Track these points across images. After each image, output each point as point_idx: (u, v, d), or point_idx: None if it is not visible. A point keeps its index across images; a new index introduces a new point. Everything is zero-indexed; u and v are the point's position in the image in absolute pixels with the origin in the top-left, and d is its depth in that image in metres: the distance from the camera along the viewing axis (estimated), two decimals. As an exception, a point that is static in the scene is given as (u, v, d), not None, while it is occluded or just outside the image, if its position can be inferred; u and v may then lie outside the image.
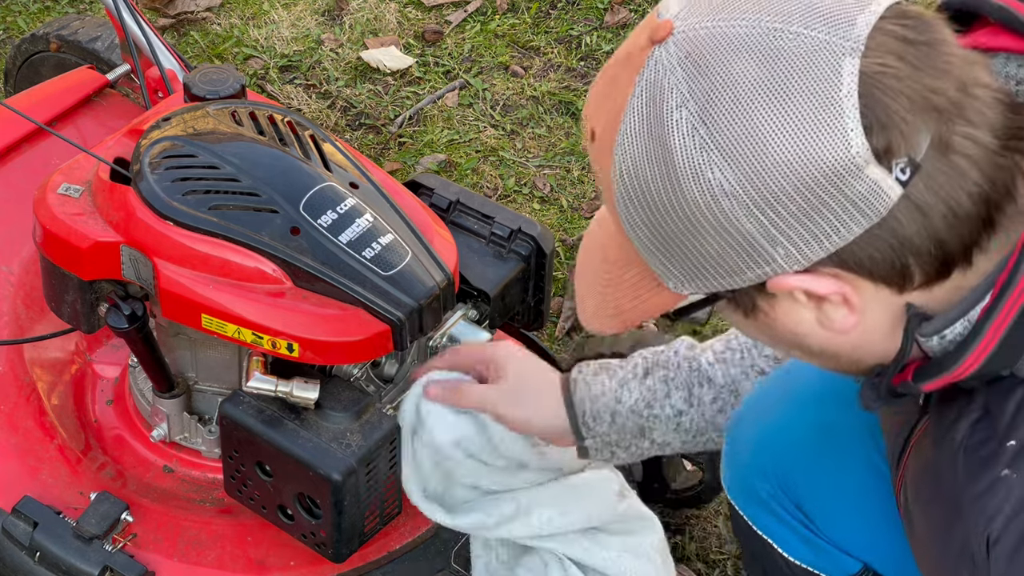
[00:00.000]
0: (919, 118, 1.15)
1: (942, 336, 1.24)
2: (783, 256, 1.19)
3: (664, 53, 1.19)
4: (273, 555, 2.05)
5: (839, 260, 1.19)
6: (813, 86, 1.15)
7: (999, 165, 1.19)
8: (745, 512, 1.86)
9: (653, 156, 1.19)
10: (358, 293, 1.87)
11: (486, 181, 3.10)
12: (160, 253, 1.91)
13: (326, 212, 1.90)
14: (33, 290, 2.29)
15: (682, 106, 1.17)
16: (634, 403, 1.78)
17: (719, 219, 1.18)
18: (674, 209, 1.20)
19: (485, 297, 2.06)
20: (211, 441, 2.14)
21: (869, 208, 1.16)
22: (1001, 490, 1.22)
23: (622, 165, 1.21)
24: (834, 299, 1.22)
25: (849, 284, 1.21)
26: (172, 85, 2.39)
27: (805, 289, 1.21)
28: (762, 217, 1.17)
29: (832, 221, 1.16)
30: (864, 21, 1.17)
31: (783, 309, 1.25)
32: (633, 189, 1.22)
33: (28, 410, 2.20)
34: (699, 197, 1.18)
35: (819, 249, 1.18)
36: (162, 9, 3.48)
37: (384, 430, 1.90)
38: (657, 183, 1.20)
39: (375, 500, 1.93)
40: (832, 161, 1.15)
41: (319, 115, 3.25)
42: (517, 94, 3.32)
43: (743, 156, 1.16)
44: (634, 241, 1.25)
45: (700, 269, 1.23)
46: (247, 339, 1.89)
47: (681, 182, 1.18)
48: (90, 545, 2.01)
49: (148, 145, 1.97)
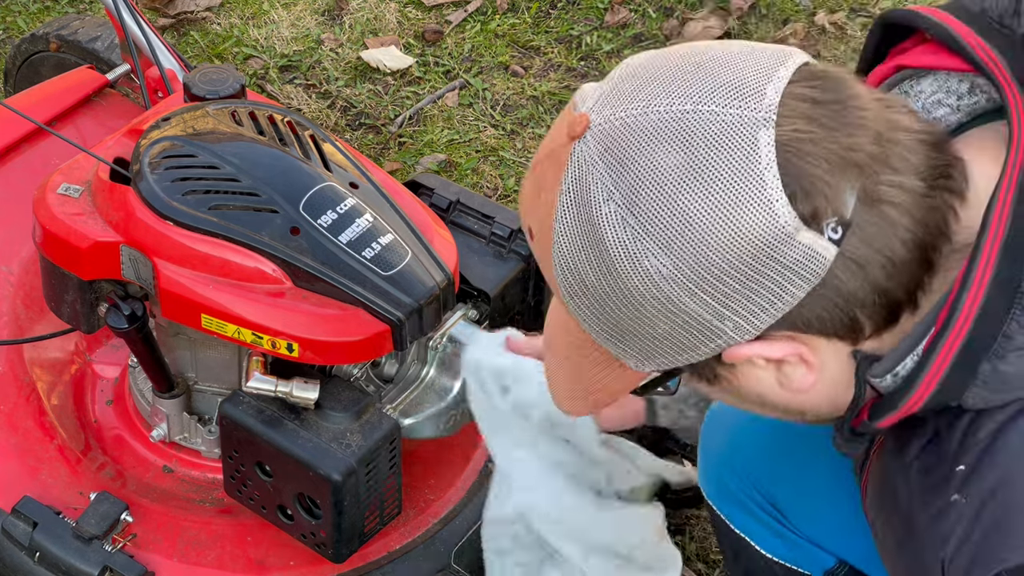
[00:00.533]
0: (840, 177, 1.16)
1: (895, 374, 1.25)
2: (733, 328, 1.20)
3: (584, 148, 1.20)
4: (273, 555, 2.05)
5: (789, 323, 1.20)
6: (732, 163, 1.15)
7: (929, 207, 1.20)
8: (721, 510, 1.88)
9: (589, 250, 1.20)
10: (358, 293, 1.86)
11: (486, 181, 3.10)
12: (160, 253, 1.91)
13: (326, 212, 1.90)
14: (33, 290, 2.29)
15: (609, 199, 1.18)
16: None
17: (663, 303, 1.19)
18: (618, 299, 1.21)
19: (485, 297, 2.06)
20: (211, 441, 2.14)
21: (807, 271, 1.17)
22: (952, 514, 1.23)
23: (561, 261, 1.22)
24: (791, 360, 1.23)
25: (804, 344, 1.22)
26: (172, 85, 2.38)
27: (761, 355, 1.22)
28: (704, 296, 1.18)
29: (774, 289, 1.17)
30: (773, 89, 1.17)
31: (744, 375, 1.26)
32: (576, 283, 1.22)
33: (28, 410, 2.20)
34: (639, 285, 1.19)
35: (767, 317, 1.19)
36: (162, 9, 3.48)
37: (384, 430, 1.90)
38: (597, 276, 1.20)
39: (375, 500, 1.93)
40: (762, 233, 1.15)
41: (319, 115, 3.25)
42: (517, 94, 3.31)
43: (675, 241, 1.16)
44: (587, 329, 1.26)
45: (655, 350, 1.24)
46: (247, 339, 1.88)
47: (620, 273, 1.19)
48: (90, 545, 2.01)
49: (148, 145, 1.97)
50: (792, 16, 3.45)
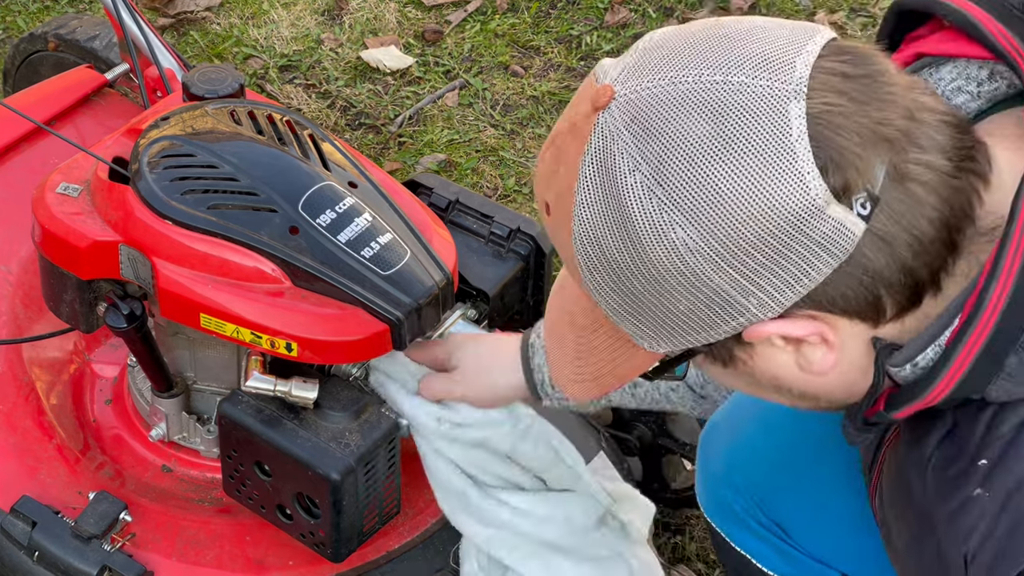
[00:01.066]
0: (872, 151, 1.15)
1: (914, 364, 1.24)
2: (756, 305, 1.18)
3: (609, 119, 1.18)
4: (272, 555, 2.05)
5: (813, 301, 1.19)
6: (763, 135, 1.14)
7: (954, 187, 1.19)
8: (722, 528, 1.86)
9: (612, 223, 1.19)
10: (357, 292, 1.86)
11: (486, 181, 3.10)
12: (159, 252, 1.90)
13: (325, 211, 1.90)
14: (32, 289, 2.28)
15: (635, 170, 1.16)
16: None
17: (687, 277, 1.18)
18: (640, 272, 1.19)
19: (484, 296, 2.06)
20: (210, 441, 2.14)
21: (835, 247, 1.16)
22: (974, 509, 1.22)
23: (582, 235, 1.21)
24: (812, 340, 1.21)
25: (825, 323, 1.21)
26: (171, 84, 2.38)
27: (782, 334, 1.21)
28: (730, 270, 1.16)
29: (801, 265, 1.16)
30: (803, 63, 1.16)
31: (762, 356, 1.25)
32: (596, 257, 1.21)
33: (27, 410, 2.19)
34: (664, 258, 1.17)
35: (791, 294, 1.18)
36: (162, 9, 3.48)
37: (383, 430, 1.90)
38: (619, 248, 1.19)
39: (374, 500, 1.93)
40: (793, 206, 1.14)
41: (319, 115, 3.25)
42: (517, 94, 3.31)
43: (703, 213, 1.15)
44: (602, 306, 1.25)
45: (673, 328, 1.22)
46: (246, 338, 1.88)
47: (644, 245, 1.17)
48: (89, 545, 2.01)
49: (147, 144, 1.96)
50: (792, 16, 3.45)
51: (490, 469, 1.90)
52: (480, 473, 1.90)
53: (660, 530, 2.46)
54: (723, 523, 1.85)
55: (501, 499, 1.89)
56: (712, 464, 1.85)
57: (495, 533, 1.90)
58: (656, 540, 2.43)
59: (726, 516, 1.85)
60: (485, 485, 1.90)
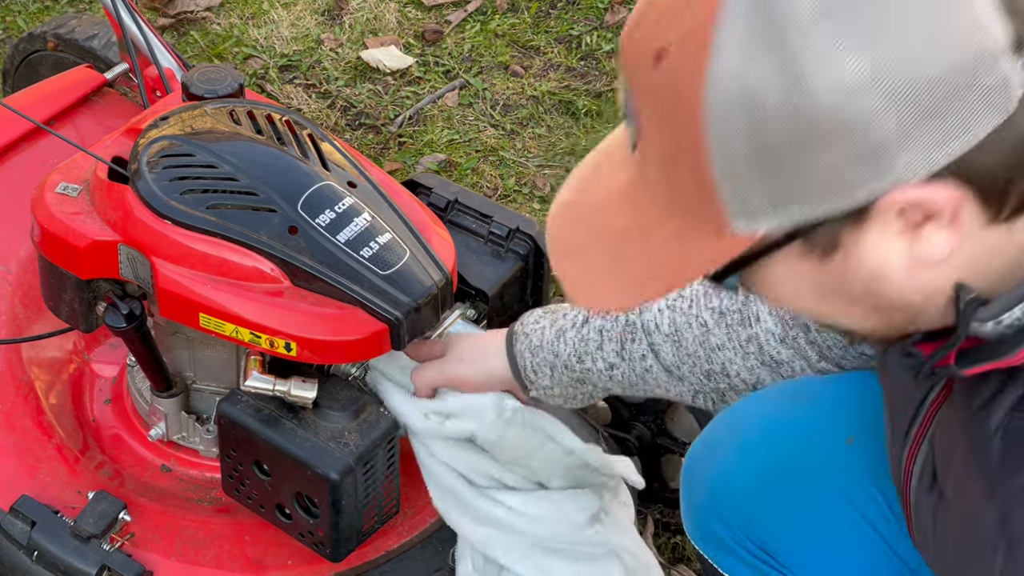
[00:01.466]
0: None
1: (998, 321, 1.18)
2: (905, 164, 1.08)
3: None
4: (271, 554, 2.05)
5: (958, 169, 1.10)
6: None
7: None
8: (708, 555, 1.84)
9: (767, 58, 1.08)
10: (356, 292, 1.86)
11: (486, 181, 3.10)
12: (158, 252, 1.90)
13: (324, 211, 1.90)
14: (31, 289, 2.28)
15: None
16: (567, 357, 1.79)
17: (845, 122, 1.07)
18: (791, 117, 1.08)
19: (483, 296, 2.06)
20: (209, 440, 2.14)
21: (998, 105, 1.08)
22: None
23: (723, 72, 1.09)
24: (945, 213, 1.11)
25: (962, 195, 1.11)
26: (170, 84, 2.38)
27: (922, 201, 1.10)
28: (896, 114, 1.06)
29: (965, 118, 1.07)
30: None
31: (870, 244, 1.14)
32: (738, 102, 1.09)
33: (26, 409, 2.19)
34: (826, 97, 1.07)
35: (945, 153, 1.08)
36: (162, 9, 3.48)
37: (382, 429, 1.90)
38: (772, 89, 1.08)
39: (373, 499, 1.93)
40: (970, 49, 1.07)
41: (319, 115, 3.25)
42: (517, 94, 3.31)
43: (877, 46, 1.06)
44: (715, 169, 1.12)
45: (801, 193, 1.11)
46: (245, 338, 1.88)
47: (806, 82, 1.07)
48: (88, 544, 2.01)
49: (146, 144, 1.97)
50: None
51: (481, 469, 1.90)
52: (471, 473, 1.90)
53: (660, 530, 2.46)
54: (709, 549, 1.82)
55: (496, 498, 1.89)
56: (696, 493, 1.82)
57: (491, 532, 1.90)
58: (656, 540, 2.43)
59: (712, 543, 1.82)
60: (479, 485, 1.90)
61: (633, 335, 1.77)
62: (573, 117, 3.26)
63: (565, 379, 1.83)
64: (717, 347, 1.76)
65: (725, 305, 1.74)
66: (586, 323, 1.78)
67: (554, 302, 2.80)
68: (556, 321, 1.82)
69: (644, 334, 1.77)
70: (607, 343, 1.78)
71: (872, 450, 1.66)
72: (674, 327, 1.76)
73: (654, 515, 2.45)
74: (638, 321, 1.77)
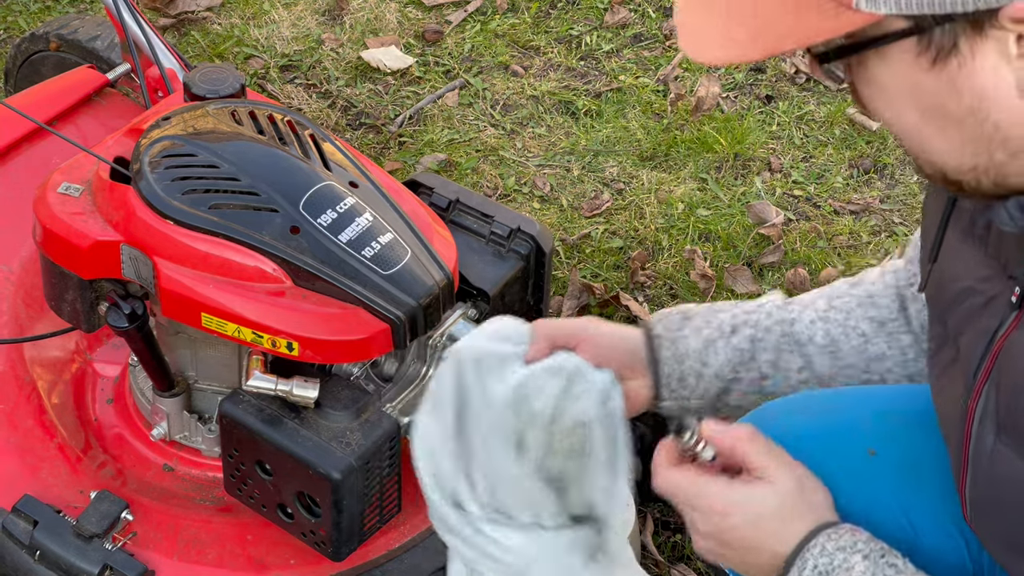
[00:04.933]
0: None
1: None
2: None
3: None
4: (273, 554, 2.05)
5: None
6: None
7: None
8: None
9: None
10: (358, 292, 1.87)
11: (486, 180, 3.11)
12: (160, 252, 1.91)
13: (326, 211, 1.91)
14: (33, 289, 2.29)
15: None
16: (719, 367, 1.71)
17: None
18: None
19: (484, 296, 2.06)
20: (211, 440, 2.15)
21: None
22: None
23: None
24: None
25: None
26: (172, 84, 2.39)
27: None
28: None
29: None
30: None
31: (986, 59, 1.12)
32: None
33: (28, 409, 2.20)
34: None
35: None
36: (163, 9, 3.49)
37: (384, 429, 1.90)
38: None
39: (374, 499, 1.93)
40: None
41: (319, 115, 3.25)
42: (517, 94, 3.32)
43: None
44: None
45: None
46: (247, 338, 1.89)
47: None
48: (90, 544, 2.01)
49: (148, 144, 1.97)
50: None
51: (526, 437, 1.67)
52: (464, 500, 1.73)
53: (660, 529, 2.46)
54: None
55: (486, 533, 1.73)
56: None
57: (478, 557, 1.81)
58: (656, 540, 2.43)
59: None
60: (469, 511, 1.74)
61: (788, 347, 1.72)
62: (573, 117, 3.26)
63: (712, 389, 1.74)
64: (876, 357, 1.74)
65: (884, 315, 1.74)
66: (735, 333, 1.72)
67: (554, 301, 2.81)
68: (700, 330, 1.73)
69: (797, 346, 1.73)
70: (760, 353, 1.71)
71: (894, 463, 1.65)
72: (829, 338, 1.73)
73: (654, 514, 2.46)
74: (791, 331, 1.74)
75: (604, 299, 2.82)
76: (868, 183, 3.14)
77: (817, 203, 3.08)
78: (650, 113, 3.26)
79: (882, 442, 1.70)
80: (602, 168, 3.13)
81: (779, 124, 3.24)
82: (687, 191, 3.07)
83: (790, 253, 2.95)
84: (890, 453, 1.67)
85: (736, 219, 3.01)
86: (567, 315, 2.81)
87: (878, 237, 3.00)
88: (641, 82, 3.34)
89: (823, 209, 3.07)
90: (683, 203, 3.04)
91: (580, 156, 3.16)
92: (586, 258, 2.91)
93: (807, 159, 3.19)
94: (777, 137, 3.22)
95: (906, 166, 3.18)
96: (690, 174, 3.12)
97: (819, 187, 3.11)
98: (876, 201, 3.09)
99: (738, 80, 3.36)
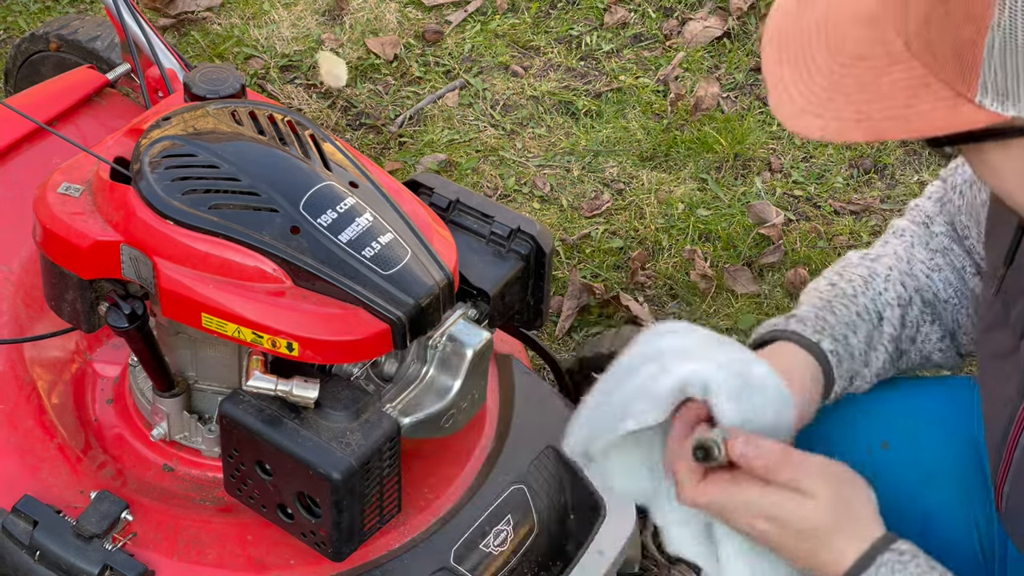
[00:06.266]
0: None
1: None
2: None
3: None
4: (273, 554, 2.05)
5: None
6: None
7: None
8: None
9: None
10: (358, 292, 1.87)
11: (486, 181, 3.11)
12: (160, 252, 1.91)
13: (326, 211, 1.91)
14: (33, 289, 2.29)
15: None
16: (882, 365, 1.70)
17: None
18: None
19: (485, 296, 2.06)
20: (211, 440, 2.15)
21: None
22: None
23: None
24: None
25: None
26: (172, 84, 2.39)
27: None
28: None
29: None
30: None
31: None
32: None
33: (28, 409, 2.20)
34: None
35: None
36: (163, 9, 3.49)
37: (384, 429, 1.90)
38: None
39: (375, 499, 1.93)
40: None
41: (319, 115, 3.25)
42: (517, 94, 3.32)
43: None
44: (994, 36, 1.02)
45: None
46: (247, 338, 1.89)
47: None
48: (90, 544, 2.01)
49: (148, 144, 1.97)
50: None
51: None
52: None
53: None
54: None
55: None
56: None
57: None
58: (655, 539, 2.43)
59: None
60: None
61: (919, 328, 1.73)
62: (573, 117, 3.26)
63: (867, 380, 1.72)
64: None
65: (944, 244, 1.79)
66: (881, 321, 1.70)
67: (555, 302, 2.81)
68: (858, 328, 1.69)
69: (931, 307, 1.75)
70: (903, 326, 1.69)
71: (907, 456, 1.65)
72: (949, 284, 1.77)
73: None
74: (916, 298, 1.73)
75: (604, 299, 2.82)
76: (868, 183, 3.14)
77: (817, 203, 3.09)
78: (650, 113, 3.26)
79: (895, 435, 1.70)
80: (602, 168, 3.13)
81: (779, 124, 3.25)
82: (687, 191, 3.07)
83: (790, 253, 2.96)
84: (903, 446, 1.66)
85: (736, 219, 3.01)
86: (567, 315, 2.81)
87: (878, 237, 3.00)
88: (641, 82, 3.34)
89: (823, 209, 3.07)
90: (683, 203, 3.04)
91: (580, 156, 3.16)
92: (586, 258, 2.92)
93: (807, 159, 3.19)
94: (777, 137, 3.23)
95: (906, 166, 3.18)
96: (690, 174, 3.12)
97: (819, 187, 3.12)
98: (876, 201, 3.09)
99: (738, 80, 3.36)
